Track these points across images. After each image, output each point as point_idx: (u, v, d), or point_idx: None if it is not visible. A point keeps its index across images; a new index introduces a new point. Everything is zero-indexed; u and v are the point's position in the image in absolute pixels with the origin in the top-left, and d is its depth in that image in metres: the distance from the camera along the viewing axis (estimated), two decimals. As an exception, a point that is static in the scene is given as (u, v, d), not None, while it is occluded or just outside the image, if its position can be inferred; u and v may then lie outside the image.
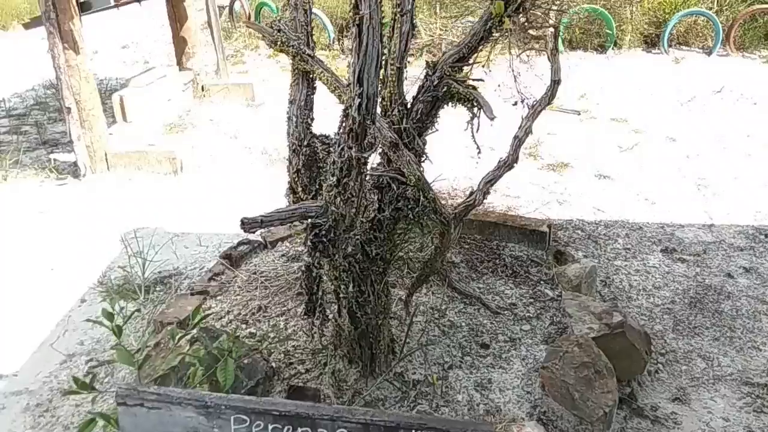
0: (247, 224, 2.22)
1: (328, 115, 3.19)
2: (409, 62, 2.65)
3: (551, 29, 3.18)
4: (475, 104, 2.71)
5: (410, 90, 2.74)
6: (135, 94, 6.52)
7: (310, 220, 2.37)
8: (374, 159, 2.62)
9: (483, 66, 3.05)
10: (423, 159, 2.79)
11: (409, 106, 2.73)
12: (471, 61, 2.80)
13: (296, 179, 2.81)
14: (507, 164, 3.15)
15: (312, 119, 2.91)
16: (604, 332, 3.20)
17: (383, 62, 2.46)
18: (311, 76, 2.93)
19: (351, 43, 1.99)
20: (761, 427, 3.04)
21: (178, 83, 7.40)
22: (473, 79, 2.77)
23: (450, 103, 2.77)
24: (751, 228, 4.76)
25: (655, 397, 3.26)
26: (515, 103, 3.15)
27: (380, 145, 2.62)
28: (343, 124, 2.15)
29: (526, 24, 2.81)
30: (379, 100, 2.60)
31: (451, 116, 2.95)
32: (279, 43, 2.89)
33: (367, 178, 2.53)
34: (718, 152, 6.24)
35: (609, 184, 5.54)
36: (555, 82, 3.19)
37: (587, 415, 2.72)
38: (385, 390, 2.89)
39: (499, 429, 2.67)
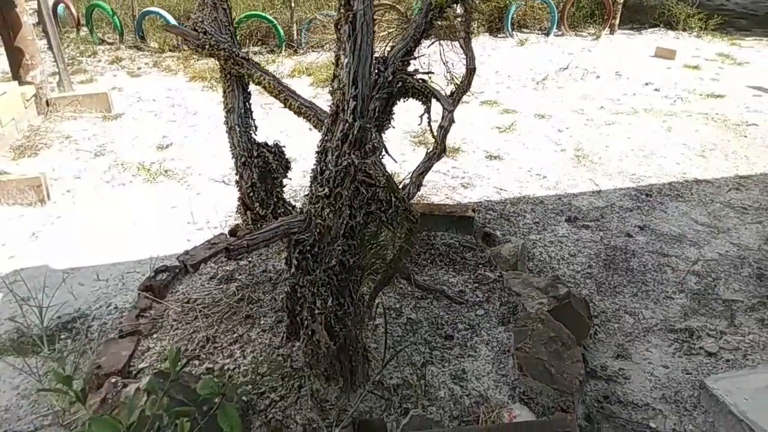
0: (233, 251, 2.00)
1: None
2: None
3: (458, 18, 3.23)
4: (430, 97, 2.67)
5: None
6: (-27, 116, 5.59)
7: (294, 236, 2.19)
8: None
9: (416, 59, 3.01)
10: (382, 156, 2.69)
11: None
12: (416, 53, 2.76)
13: (251, 194, 2.57)
14: (436, 154, 3.16)
15: (255, 127, 2.69)
16: (554, 305, 3.35)
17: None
18: (245, 80, 2.71)
19: (343, 41, 1.83)
20: (695, 367, 3.38)
21: (19, 100, 6.48)
22: (423, 72, 2.73)
23: (403, 99, 2.71)
24: (632, 190, 5.26)
25: (600, 357, 3.48)
26: (452, 94, 3.16)
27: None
28: (332, 130, 1.99)
29: (468, 12, 2.81)
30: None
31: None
32: (207, 47, 2.62)
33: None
34: (584, 124, 6.81)
35: (501, 164, 5.81)
36: (471, 70, 3.24)
37: (567, 387, 2.82)
38: (368, 401, 2.78)
39: (492, 417, 2.68)
